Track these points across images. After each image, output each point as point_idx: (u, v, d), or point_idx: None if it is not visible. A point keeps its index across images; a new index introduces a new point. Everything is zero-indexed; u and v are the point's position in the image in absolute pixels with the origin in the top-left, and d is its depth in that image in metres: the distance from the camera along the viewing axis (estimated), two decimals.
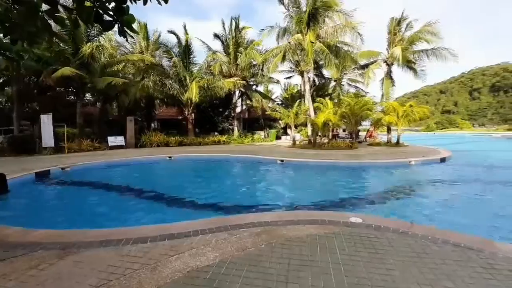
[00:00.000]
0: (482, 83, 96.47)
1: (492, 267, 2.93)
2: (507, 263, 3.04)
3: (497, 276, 2.75)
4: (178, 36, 21.22)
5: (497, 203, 6.79)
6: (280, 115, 20.72)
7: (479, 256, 3.18)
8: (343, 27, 17.71)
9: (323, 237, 3.66)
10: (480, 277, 2.73)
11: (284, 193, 7.90)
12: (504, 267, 2.94)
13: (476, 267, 2.92)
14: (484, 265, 2.97)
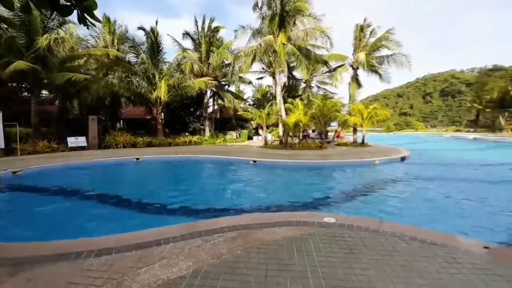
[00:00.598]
0: (434, 88, 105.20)
1: (456, 261, 3.09)
2: (467, 256, 3.23)
3: (461, 270, 2.90)
4: (146, 32, 20.21)
5: (455, 199, 7.32)
6: (252, 115, 20.68)
7: (444, 251, 3.34)
8: (313, 30, 18.12)
9: (299, 239, 3.62)
10: (447, 272, 2.85)
11: (258, 194, 7.81)
12: (466, 260, 3.11)
13: (442, 262, 3.06)
14: (449, 259, 3.12)
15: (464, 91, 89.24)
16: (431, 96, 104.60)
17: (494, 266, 2.98)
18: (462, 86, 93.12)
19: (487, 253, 3.32)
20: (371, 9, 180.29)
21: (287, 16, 18.36)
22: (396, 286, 2.60)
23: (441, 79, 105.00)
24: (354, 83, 21.67)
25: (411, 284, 2.64)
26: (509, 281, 2.67)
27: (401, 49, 19.90)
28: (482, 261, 3.09)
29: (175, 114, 25.02)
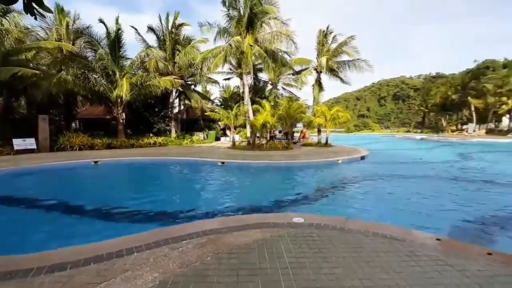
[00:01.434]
0: (387, 93, 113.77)
1: (414, 254, 3.29)
2: (423, 248, 3.46)
3: (419, 262, 3.09)
4: (107, 26, 18.82)
5: (409, 194, 7.90)
6: (220, 116, 20.39)
7: (403, 245, 3.54)
8: (279, 34, 18.44)
9: (270, 241, 3.59)
10: (407, 265, 3.02)
11: (227, 196, 7.67)
12: (423, 253, 3.33)
13: (402, 256, 3.24)
14: (408, 253, 3.32)
15: (412, 96, 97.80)
16: (385, 100, 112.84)
17: (446, 257, 3.23)
18: (410, 91, 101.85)
19: (439, 244, 3.59)
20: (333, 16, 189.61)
21: (255, 18, 18.46)
22: (362, 282, 2.67)
23: (393, 84, 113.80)
24: (318, 86, 22.51)
25: (376, 279, 2.74)
26: (460, 271, 2.90)
27: (359, 55, 21.18)
28: (436, 253, 3.33)
29: (138, 114, 23.73)
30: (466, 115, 52.88)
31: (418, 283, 2.68)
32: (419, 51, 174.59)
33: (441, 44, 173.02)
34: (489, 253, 3.35)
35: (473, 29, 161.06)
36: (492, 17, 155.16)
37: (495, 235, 5.01)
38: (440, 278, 2.78)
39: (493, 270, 2.95)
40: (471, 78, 48.53)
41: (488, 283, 2.69)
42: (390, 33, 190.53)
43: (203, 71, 23.10)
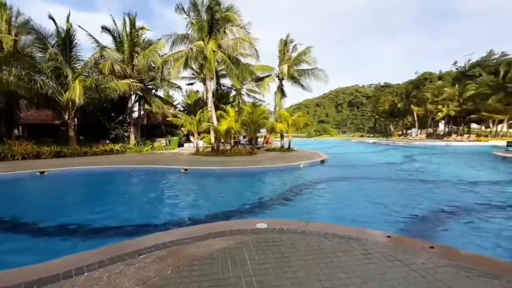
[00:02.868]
0: (343, 100, 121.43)
1: (368, 252, 3.49)
2: (376, 246, 3.69)
3: (373, 260, 3.28)
4: (56, 24, 17.17)
5: (365, 195, 8.43)
6: (183, 121, 19.78)
7: (358, 244, 3.74)
8: (242, 40, 18.60)
9: (233, 249, 3.53)
10: (362, 263, 3.19)
11: (190, 205, 7.42)
12: (375, 250, 3.55)
13: (358, 255, 3.41)
14: (363, 251, 3.51)
15: (365, 103, 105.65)
16: (341, 106, 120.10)
17: (395, 252, 3.48)
18: (363, 99, 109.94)
19: (390, 241, 3.87)
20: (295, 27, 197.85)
21: (217, 24, 18.40)
22: (322, 283, 2.75)
23: (348, 92, 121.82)
24: (280, 92, 23.12)
25: (335, 279, 2.84)
26: (407, 265, 3.15)
27: (318, 64, 22.29)
28: (387, 249, 3.57)
29: (93, 119, 21.99)
30: (409, 121, 58.60)
31: (372, 280, 2.84)
32: (370, 62, 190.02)
33: (388, 57, 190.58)
34: (431, 247, 3.69)
35: (415, 45, 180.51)
36: (429, 35, 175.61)
37: (436, 229, 5.56)
38: (390, 273, 2.99)
39: (434, 262, 3.25)
40: (413, 88, 54.08)
41: (430, 274, 2.95)
42: (345, 44, 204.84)
43: (164, 75, 22.25)
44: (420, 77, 61.38)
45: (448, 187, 9.46)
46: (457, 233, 5.38)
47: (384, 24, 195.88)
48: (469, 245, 4.60)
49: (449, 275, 2.95)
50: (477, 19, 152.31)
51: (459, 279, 2.86)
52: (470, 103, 43.39)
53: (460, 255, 3.53)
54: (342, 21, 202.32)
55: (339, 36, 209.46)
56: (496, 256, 3.94)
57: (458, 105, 45.37)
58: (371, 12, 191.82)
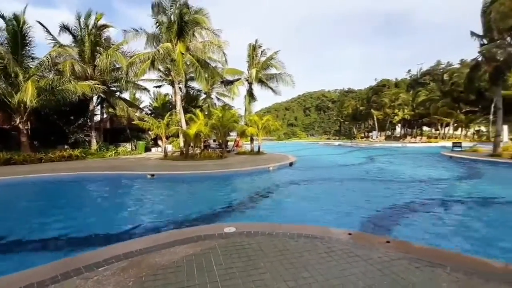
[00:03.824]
0: (311, 104, 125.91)
1: (331, 250, 3.63)
2: (338, 243, 3.85)
3: (335, 257, 3.42)
4: (5, 18, 15.52)
5: (331, 195, 8.77)
6: (150, 125, 19.00)
7: (322, 243, 3.88)
8: (211, 43, 18.44)
9: (200, 255, 3.46)
10: (325, 261, 3.31)
11: (156, 212, 7.10)
12: (338, 247, 3.70)
13: (321, 253, 3.53)
14: (326, 250, 3.64)
15: (331, 107, 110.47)
16: (309, 110, 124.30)
17: (355, 248, 3.67)
18: (329, 103, 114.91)
19: (351, 238, 4.07)
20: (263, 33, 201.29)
21: (186, 26, 18.05)
22: (287, 284, 2.80)
23: (315, 96, 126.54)
24: (249, 96, 23.27)
25: (299, 278, 2.91)
26: (366, 260, 3.33)
27: (286, 69, 22.84)
28: (348, 246, 3.75)
29: (49, 123, 20.23)
30: (370, 124, 62.44)
31: (333, 276, 2.96)
32: (336, 68, 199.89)
33: (352, 64, 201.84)
34: (387, 241, 3.95)
35: (375, 53, 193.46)
36: (388, 45, 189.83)
37: (393, 224, 5.96)
38: (350, 268, 3.14)
39: (390, 255, 3.48)
40: (373, 94, 57.78)
41: (386, 267, 3.15)
42: (313, 50, 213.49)
43: (129, 77, 21.25)
44: (379, 84, 65.94)
45: (404, 185, 10.22)
46: (411, 227, 5.82)
47: (348, 32, 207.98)
48: (421, 238, 5.01)
49: (402, 267, 3.18)
50: (428, 33, 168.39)
51: (410, 270, 3.09)
52: (422, 108, 47.52)
53: (412, 247, 3.83)
54: (310, 28, 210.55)
55: (307, 42, 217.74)
56: (443, 246, 4.35)
57: (411, 110, 49.45)
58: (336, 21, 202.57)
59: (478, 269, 3.09)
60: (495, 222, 6.32)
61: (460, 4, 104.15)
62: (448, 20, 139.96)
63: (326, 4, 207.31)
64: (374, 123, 56.31)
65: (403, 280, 2.86)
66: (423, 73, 62.93)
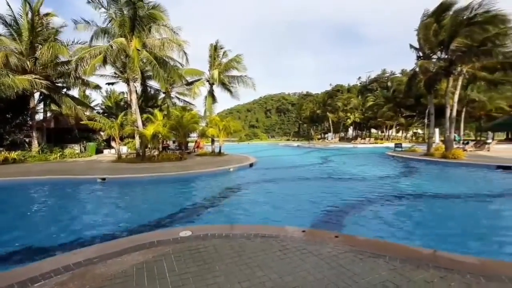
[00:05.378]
0: (272, 106, 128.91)
1: (285, 248, 3.72)
2: (292, 241, 3.97)
3: (288, 254, 3.52)
4: None
5: (288, 194, 9.02)
6: (101, 125, 17.54)
7: (277, 241, 3.96)
8: (169, 41, 17.70)
9: (152, 262, 3.27)
10: (279, 259, 3.38)
11: (106, 219, 6.54)
12: (292, 245, 3.82)
13: (276, 252, 3.61)
14: (281, 248, 3.73)
15: (290, 109, 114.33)
16: (270, 112, 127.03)
17: (307, 245, 3.82)
18: (289, 106, 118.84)
19: (304, 235, 4.23)
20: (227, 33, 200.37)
21: (141, 21, 17.05)
22: (241, 284, 2.80)
23: (276, 99, 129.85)
24: (210, 97, 22.93)
25: (254, 278, 2.93)
26: (316, 255, 3.49)
27: (248, 71, 23.05)
28: (301, 243, 3.89)
29: None
30: (326, 126, 66.10)
31: (287, 273, 3.04)
32: (295, 72, 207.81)
33: (309, 68, 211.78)
34: (336, 236, 4.19)
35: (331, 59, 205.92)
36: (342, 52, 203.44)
37: (343, 220, 6.35)
38: (302, 264, 3.26)
39: (338, 249, 3.69)
40: (328, 98, 61.23)
41: (334, 261, 3.34)
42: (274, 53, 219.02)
43: (78, 73, 19.35)
44: (334, 89, 70.24)
45: (354, 183, 11.01)
46: (359, 221, 6.27)
47: (305, 39, 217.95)
48: (366, 231, 5.43)
49: (348, 259, 3.40)
50: (376, 44, 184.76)
51: (355, 262, 3.32)
52: (370, 112, 51.84)
53: (357, 240, 4.12)
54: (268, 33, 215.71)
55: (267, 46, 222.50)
56: (384, 238, 4.76)
57: (361, 113, 53.62)
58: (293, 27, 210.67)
59: (411, 257, 3.44)
60: (428, 212, 7.15)
61: (404, 19, 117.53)
62: (394, 33, 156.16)
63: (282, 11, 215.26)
64: (330, 125, 59.76)
65: (348, 271, 3.06)
66: (371, 80, 68.77)
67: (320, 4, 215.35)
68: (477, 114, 37.91)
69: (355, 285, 2.79)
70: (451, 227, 5.90)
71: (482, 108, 35.82)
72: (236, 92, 23.98)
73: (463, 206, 7.66)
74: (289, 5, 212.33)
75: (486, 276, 2.94)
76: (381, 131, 58.22)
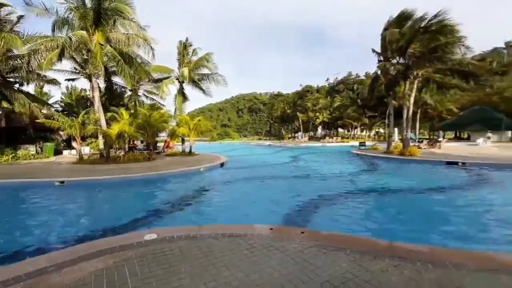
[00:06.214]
0: (244, 105, 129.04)
1: (252, 246, 3.75)
2: (259, 239, 4.01)
3: (255, 252, 3.55)
4: None
5: (258, 193, 9.08)
6: (60, 124, 16.18)
7: (244, 240, 3.97)
8: (136, 37, 16.83)
9: (112, 268, 3.10)
10: (245, 257, 3.40)
11: (63, 225, 6.05)
12: (259, 243, 3.85)
13: (243, 250, 3.61)
14: (248, 246, 3.74)
15: (262, 109, 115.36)
16: (242, 112, 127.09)
17: (274, 242, 3.88)
18: (261, 105, 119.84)
19: (271, 233, 4.29)
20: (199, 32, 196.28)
21: (105, 14, 15.99)
22: (207, 285, 2.76)
23: (248, 99, 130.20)
24: (180, 96, 22.31)
25: (220, 278, 2.90)
26: (283, 251, 3.56)
27: (218, 70, 22.74)
28: (268, 241, 3.94)
29: None
30: (297, 126, 67.76)
31: (253, 271, 3.06)
32: (267, 72, 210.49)
33: (281, 69, 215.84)
34: (302, 232, 4.31)
35: (301, 61, 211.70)
36: (312, 54, 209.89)
37: (311, 215, 6.56)
38: (269, 261, 3.30)
39: (303, 245, 3.80)
40: (298, 98, 62.84)
41: (299, 256, 3.43)
42: (246, 53, 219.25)
43: (31, 66, 17.60)
44: (304, 89, 72.28)
45: (321, 180, 11.44)
46: (325, 216, 6.52)
47: (276, 40, 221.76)
48: (331, 226, 5.67)
49: (312, 254, 3.52)
50: (342, 47, 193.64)
51: (319, 256, 3.45)
52: (337, 112, 54.17)
53: (321, 235, 4.28)
54: (239, 33, 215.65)
55: (241, 46, 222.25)
56: (347, 231, 5.01)
57: (329, 113, 55.80)
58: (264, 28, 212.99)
59: (369, 249, 3.66)
60: (388, 206, 7.66)
61: (369, 24, 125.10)
62: (361, 37, 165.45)
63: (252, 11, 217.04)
64: (300, 124, 61.34)
65: (311, 265, 3.17)
66: (338, 82, 71.93)
67: (291, 6, 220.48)
68: (431, 115, 41.55)
69: (317, 278, 2.89)
70: (407, 218, 6.39)
71: (435, 109, 39.32)
72: (209, 90, 23.61)
73: (417, 199, 8.33)
74: (260, 6, 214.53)
75: (434, 263, 3.23)
76: (348, 131, 61.15)
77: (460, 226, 5.79)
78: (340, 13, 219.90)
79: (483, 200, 7.84)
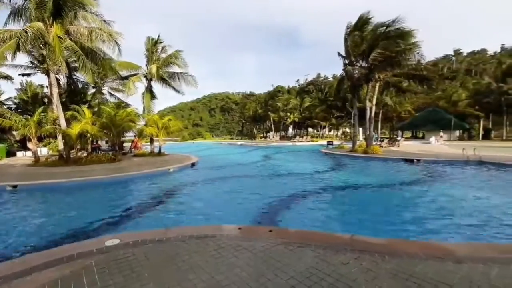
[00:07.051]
0: (216, 105, 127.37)
1: (220, 247, 3.72)
2: (228, 239, 3.99)
3: (223, 253, 3.52)
4: None
5: (229, 193, 9.02)
6: (13, 123, 14.63)
7: (213, 241, 3.92)
8: (99, 31, 15.74)
9: (68, 278, 2.88)
10: (213, 259, 3.36)
11: (15, 233, 5.48)
12: (227, 243, 3.83)
13: (211, 251, 3.57)
14: (216, 247, 3.71)
15: (234, 109, 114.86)
16: (214, 111, 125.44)
17: (243, 241, 3.89)
18: (233, 105, 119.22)
19: (240, 232, 4.29)
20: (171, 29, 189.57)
21: (65, 5, 14.73)
22: None
23: (220, 98, 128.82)
24: (148, 93, 21.38)
25: (185, 281, 2.83)
26: (251, 250, 3.58)
27: (189, 68, 22.13)
28: (237, 240, 3.94)
29: None
30: (268, 125, 68.59)
31: (219, 272, 3.03)
32: (239, 72, 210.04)
33: (252, 69, 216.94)
34: (270, 230, 4.37)
35: (272, 61, 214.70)
36: (283, 55, 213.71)
37: (279, 213, 6.67)
38: (236, 260, 3.30)
39: (271, 243, 3.85)
40: (269, 98, 63.68)
41: (266, 254, 3.48)
42: (218, 53, 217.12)
43: None
44: (275, 89, 73.36)
45: (291, 178, 11.71)
46: (292, 213, 6.69)
47: (247, 40, 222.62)
48: (298, 222, 5.83)
49: (279, 251, 3.58)
50: (313, 50, 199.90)
51: (285, 253, 3.52)
52: (307, 112, 55.75)
53: (289, 233, 4.38)
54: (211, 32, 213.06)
55: (213, 45, 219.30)
56: (312, 228, 5.19)
57: (300, 114, 57.24)
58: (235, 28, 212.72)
59: (332, 243, 3.82)
60: (351, 200, 8.08)
61: (337, 28, 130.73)
62: (329, 39, 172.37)
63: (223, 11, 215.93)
64: (271, 124, 62.16)
65: (278, 263, 3.23)
66: (308, 83, 74.07)
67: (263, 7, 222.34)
68: (391, 116, 44.61)
69: (283, 275, 2.95)
70: (369, 211, 6.79)
71: (394, 110, 42.27)
72: (180, 88, 22.88)
73: (378, 193, 8.89)
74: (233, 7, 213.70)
75: (390, 254, 3.46)
76: (317, 130, 63.27)
77: (418, 216, 6.29)
78: (311, 14, 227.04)
79: (435, 193, 8.60)
